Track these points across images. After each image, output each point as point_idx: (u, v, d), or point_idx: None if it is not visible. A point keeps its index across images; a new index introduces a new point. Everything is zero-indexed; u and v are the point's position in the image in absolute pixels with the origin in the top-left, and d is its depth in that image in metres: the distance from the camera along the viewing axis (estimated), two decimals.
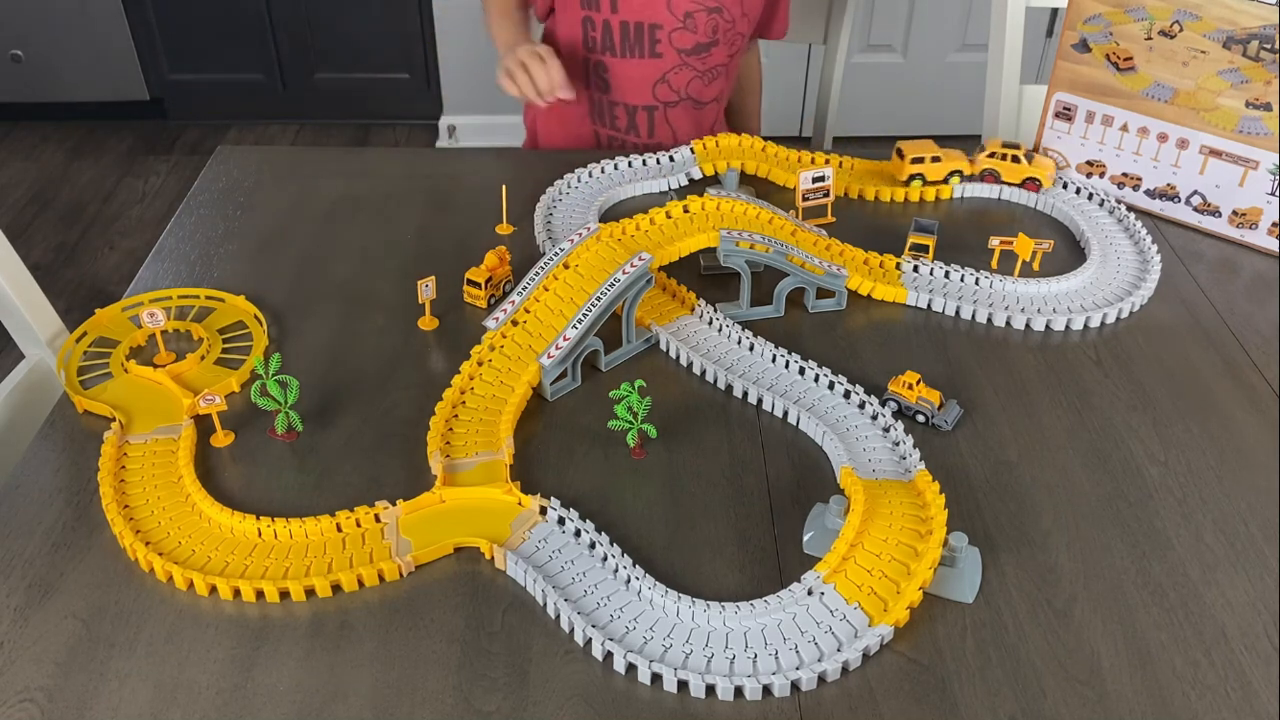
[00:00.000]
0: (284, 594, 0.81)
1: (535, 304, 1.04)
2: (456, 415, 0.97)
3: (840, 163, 1.36)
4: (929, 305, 1.12)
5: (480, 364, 1.01)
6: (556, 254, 1.07)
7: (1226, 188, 1.22)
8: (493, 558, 0.84)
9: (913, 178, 1.30)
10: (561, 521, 0.86)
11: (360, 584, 0.82)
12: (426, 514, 0.87)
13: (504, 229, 1.22)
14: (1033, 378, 1.03)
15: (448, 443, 0.94)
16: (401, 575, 0.83)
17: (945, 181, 1.31)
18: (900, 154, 1.31)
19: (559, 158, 1.42)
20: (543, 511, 0.87)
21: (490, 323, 1.03)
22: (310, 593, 0.81)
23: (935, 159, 1.30)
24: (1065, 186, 1.32)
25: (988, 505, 0.89)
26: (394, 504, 0.87)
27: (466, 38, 2.82)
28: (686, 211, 1.15)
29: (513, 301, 1.04)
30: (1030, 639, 0.78)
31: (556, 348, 0.98)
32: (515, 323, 1.03)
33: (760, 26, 1.55)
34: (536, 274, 1.05)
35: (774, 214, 1.17)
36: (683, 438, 0.96)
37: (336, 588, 0.82)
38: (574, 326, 0.99)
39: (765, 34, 1.57)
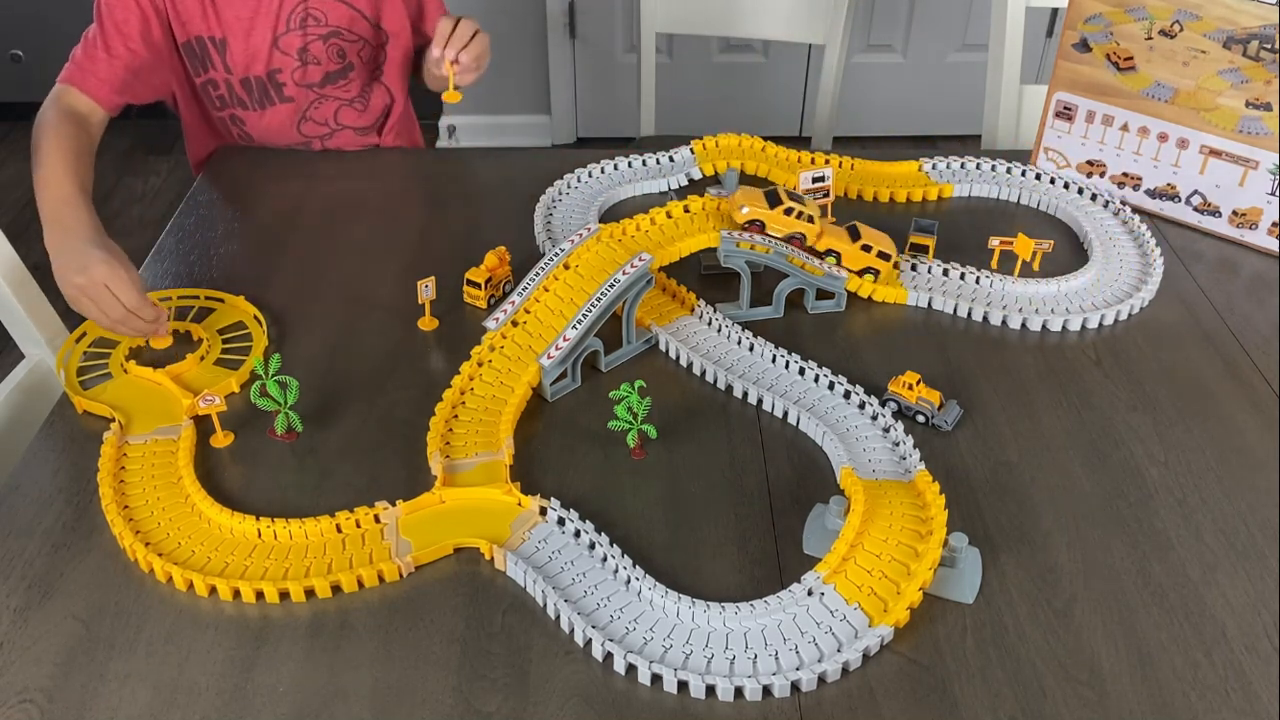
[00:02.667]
0: (284, 595, 0.81)
1: (535, 304, 1.04)
2: (456, 415, 0.97)
3: (840, 163, 1.36)
4: (929, 304, 1.12)
5: (480, 364, 1.01)
6: (557, 254, 1.07)
7: (1226, 188, 1.22)
8: (492, 558, 0.83)
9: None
10: (561, 522, 0.86)
11: (360, 584, 0.82)
12: (426, 514, 0.87)
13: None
14: (1033, 378, 1.03)
15: (448, 443, 0.94)
16: (401, 576, 0.83)
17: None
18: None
19: (559, 158, 1.42)
20: (543, 512, 0.87)
21: (490, 323, 1.03)
22: (310, 593, 0.81)
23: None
24: (1067, 186, 1.32)
25: (988, 505, 0.89)
26: (394, 504, 0.87)
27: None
28: (687, 211, 1.15)
29: (513, 302, 1.04)
30: (1030, 639, 0.78)
31: (556, 348, 0.98)
32: (515, 323, 1.03)
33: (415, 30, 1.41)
34: (536, 274, 1.05)
35: None
36: (683, 438, 0.96)
37: (336, 588, 0.82)
38: (574, 327, 0.99)
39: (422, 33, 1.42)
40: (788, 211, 1.10)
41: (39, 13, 2.88)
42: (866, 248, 1.12)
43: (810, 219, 1.11)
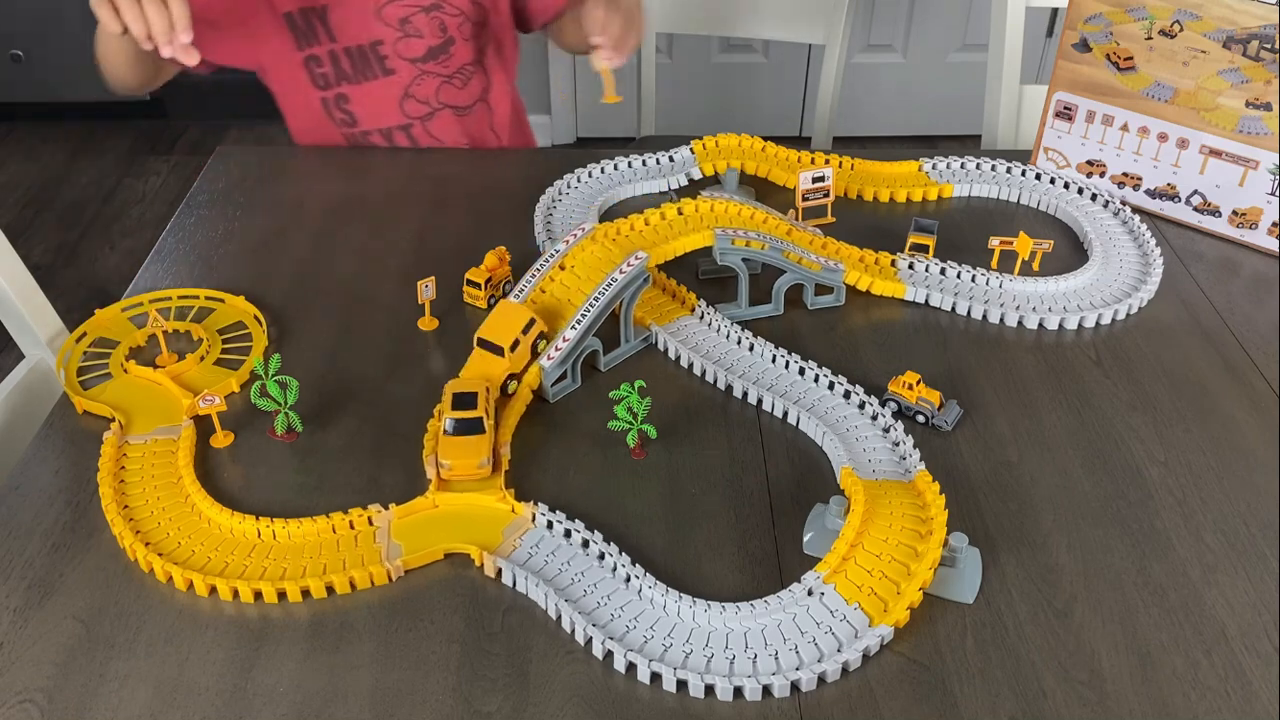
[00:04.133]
0: (283, 595, 0.81)
1: (532, 306, 1.04)
2: None
3: (840, 163, 1.36)
4: (927, 300, 1.12)
5: None
6: (553, 255, 1.07)
7: (1226, 188, 1.22)
8: (483, 565, 0.83)
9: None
10: (550, 526, 0.86)
11: (352, 586, 0.82)
12: (419, 519, 0.87)
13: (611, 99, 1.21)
14: (1033, 378, 1.03)
15: None
16: (390, 580, 0.83)
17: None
18: None
19: (559, 158, 1.42)
20: (534, 519, 0.87)
21: None
22: (309, 593, 0.81)
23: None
24: (1067, 186, 1.32)
25: (988, 505, 0.89)
26: (387, 508, 0.87)
27: None
28: (680, 214, 1.15)
29: None
30: (1030, 639, 0.78)
31: (556, 349, 0.98)
32: None
33: (518, 15, 1.44)
34: (533, 276, 1.05)
35: (769, 214, 1.17)
36: (683, 438, 0.96)
37: (334, 589, 0.82)
38: (572, 327, 0.99)
39: (527, 25, 1.45)
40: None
41: (39, 13, 2.89)
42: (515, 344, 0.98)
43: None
